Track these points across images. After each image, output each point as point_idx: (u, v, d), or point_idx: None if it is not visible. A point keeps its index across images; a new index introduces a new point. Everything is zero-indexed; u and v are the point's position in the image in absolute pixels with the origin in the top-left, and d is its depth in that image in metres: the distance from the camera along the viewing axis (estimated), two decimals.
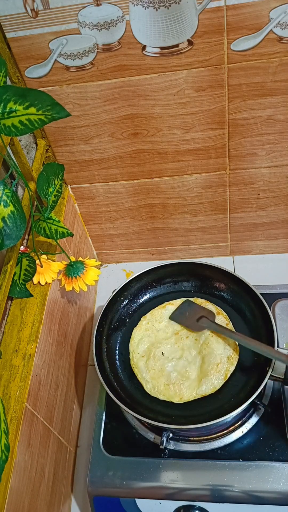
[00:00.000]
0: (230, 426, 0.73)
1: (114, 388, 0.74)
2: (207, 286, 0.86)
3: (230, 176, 0.95)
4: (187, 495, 0.70)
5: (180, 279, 0.88)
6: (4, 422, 0.55)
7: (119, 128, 0.87)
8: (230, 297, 0.84)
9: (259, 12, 0.69)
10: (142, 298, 0.87)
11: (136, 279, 0.86)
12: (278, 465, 0.69)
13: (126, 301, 0.86)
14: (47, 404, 0.77)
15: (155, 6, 0.69)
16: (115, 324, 0.83)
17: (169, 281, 0.88)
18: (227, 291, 0.84)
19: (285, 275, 1.09)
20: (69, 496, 0.87)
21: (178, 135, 0.87)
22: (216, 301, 0.84)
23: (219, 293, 0.85)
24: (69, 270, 0.81)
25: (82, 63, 0.77)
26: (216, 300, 0.84)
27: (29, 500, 0.67)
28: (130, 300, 0.86)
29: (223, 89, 0.79)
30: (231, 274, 0.83)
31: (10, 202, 0.59)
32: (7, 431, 0.55)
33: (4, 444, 0.54)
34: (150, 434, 0.75)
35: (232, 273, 0.83)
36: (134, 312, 0.86)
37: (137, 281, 0.86)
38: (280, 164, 0.92)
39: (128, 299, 0.86)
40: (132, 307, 0.86)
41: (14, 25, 0.72)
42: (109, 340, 0.81)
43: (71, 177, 0.97)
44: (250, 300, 0.80)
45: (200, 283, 0.87)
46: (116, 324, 0.84)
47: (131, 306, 0.86)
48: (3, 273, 0.71)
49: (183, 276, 0.88)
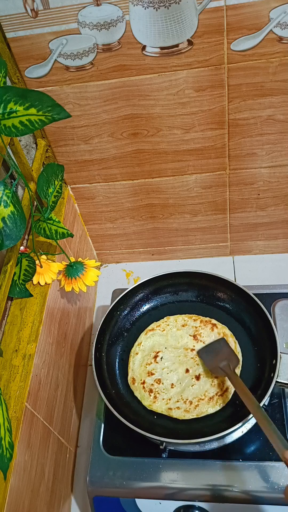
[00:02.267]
0: None
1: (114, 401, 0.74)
2: (207, 296, 0.86)
3: (230, 176, 0.95)
4: (187, 495, 0.70)
5: (179, 289, 0.87)
6: (7, 421, 0.55)
7: (119, 128, 0.87)
8: (231, 306, 0.84)
9: (259, 12, 0.69)
10: (140, 310, 0.86)
11: (134, 290, 0.85)
12: (278, 465, 0.69)
13: (124, 313, 0.85)
14: (47, 404, 0.77)
15: (155, 6, 0.69)
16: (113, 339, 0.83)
17: (169, 291, 0.87)
18: (228, 301, 0.84)
19: (285, 275, 1.09)
20: (69, 496, 0.87)
21: (178, 135, 0.87)
22: (216, 311, 0.84)
23: (219, 303, 0.85)
24: (69, 271, 0.81)
25: (82, 63, 0.77)
26: (217, 311, 0.84)
27: (29, 500, 0.67)
28: (128, 312, 0.85)
29: (223, 89, 0.79)
30: (231, 283, 0.82)
31: (10, 202, 0.59)
32: (10, 429, 0.55)
33: (8, 442, 0.54)
34: None
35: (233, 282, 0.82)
36: (133, 325, 0.85)
37: (135, 292, 0.85)
38: (280, 164, 0.92)
39: (126, 311, 0.85)
40: (130, 319, 0.86)
41: (14, 25, 0.72)
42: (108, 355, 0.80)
43: (71, 177, 0.97)
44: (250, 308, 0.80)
45: (200, 293, 0.86)
46: (114, 339, 0.83)
47: (129, 318, 0.85)
48: (3, 273, 0.71)
49: (183, 286, 0.87)
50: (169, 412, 0.73)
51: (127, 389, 0.78)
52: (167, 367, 0.78)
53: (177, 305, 0.86)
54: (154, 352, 0.80)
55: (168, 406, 0.74)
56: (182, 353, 0.79)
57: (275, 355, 0.71)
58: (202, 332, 0.81)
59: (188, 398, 0.74)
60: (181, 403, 0.74)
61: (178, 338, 0.81)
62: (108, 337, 0.82)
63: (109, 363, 0.80)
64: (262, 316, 0.77)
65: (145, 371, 0.78)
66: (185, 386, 0.75)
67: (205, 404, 0.73)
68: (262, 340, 0.77)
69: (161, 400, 0.75)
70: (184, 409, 0.73)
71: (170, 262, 1.18)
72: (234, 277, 1.12)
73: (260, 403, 0.66)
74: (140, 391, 0.76)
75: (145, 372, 0.78)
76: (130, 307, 0.85)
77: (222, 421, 0.71)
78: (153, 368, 0.78)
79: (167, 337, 0.82)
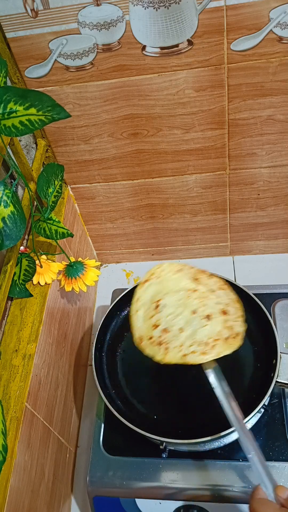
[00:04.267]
0: None
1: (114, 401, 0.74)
2: None
3: (230, 176, 0.95)
4: (187, 495, 0.70)
5: None
6: (2, 423, 0.55)
7: (119, 128, 0.87)
8: None
9: (259, 12, 0.69)
10: None
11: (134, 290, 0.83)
12: (278, 465, 0.69)
13: (124, 313, 0.85)
14: (47, 404, 0.77)
15: (155, 6, 0.69)
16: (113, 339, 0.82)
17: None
18: None
19: (285, 275, 1.09)
20: (69, 496, 0.87)
21: (178, 135, 0.87)
22: None
23: None
24: (69, 271, 0.81)
25: (82, 63, 0.77)
26: None
27: (29, 500, 0.67)
28: (128, 312, 0.82)
29: (223, 89, 0.79)
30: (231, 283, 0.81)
31: (10, 202, 0.59)
32: (5, 432, 0.55)
33: (1, 445, 0.54)
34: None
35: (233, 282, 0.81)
36: None
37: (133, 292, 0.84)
38: (280, 164, 0.92)
39: (126, 311, 0.85)
40: None
41: (14, 25, 0.72)
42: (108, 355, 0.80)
43: (71, 177, 0.97)
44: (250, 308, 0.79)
45: None
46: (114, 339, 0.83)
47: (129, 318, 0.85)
48: (3, 273, 0.71)
49: None
50: (184, 360, 0.65)
51: (127, 389, 0.78)
52: (172, 313, 0.70)
53: None
54: (155, 303, 0.72)
55: (182, 353, 0.66)
56: (184, 295, 0.72)
57: (275, 355, 0.71)
58: (200, 277, 0.75)
59: (202, 340, 0.66)
60: (195, 346, 0.66)
61: (176, 282, 0.74)
62: (108, 337, 0.82)
63: (109, 363, 0.80)
64: (262, 316, 0.77)
65: (150, 325, 0.71)
66: (196, 328, 0.68)
67: (222, 345, 0.66)
68: (262, 340, 0.76)
69: (172, 350, 0.66)
70: (201, 351, 0.65)
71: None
72: (234, 277, 1.12)
73: (260, 403, 0.66)
74: (149, 347, 0.69)
75: (150, 326, 0.70)
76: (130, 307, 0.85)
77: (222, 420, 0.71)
78: (157, 319, 0.71)
79: (165, 283, 0.75)
